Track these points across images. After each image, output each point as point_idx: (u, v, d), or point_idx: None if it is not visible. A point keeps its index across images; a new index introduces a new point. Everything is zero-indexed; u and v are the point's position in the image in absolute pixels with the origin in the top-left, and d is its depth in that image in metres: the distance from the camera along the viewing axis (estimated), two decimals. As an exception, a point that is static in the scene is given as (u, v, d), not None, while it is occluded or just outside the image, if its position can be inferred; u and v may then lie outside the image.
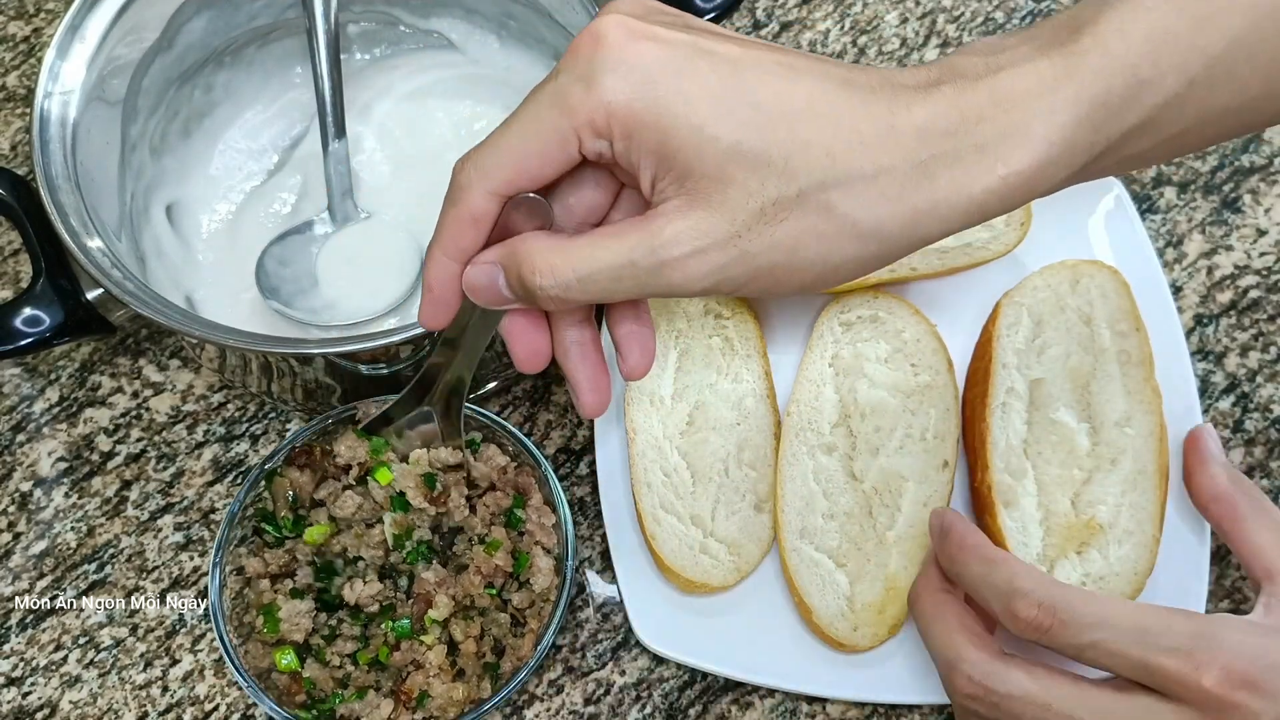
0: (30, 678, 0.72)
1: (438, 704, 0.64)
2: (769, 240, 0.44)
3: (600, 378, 0.53)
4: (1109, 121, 0.45)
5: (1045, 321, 0.74)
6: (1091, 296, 0.74)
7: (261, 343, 0.66)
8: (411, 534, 0.65)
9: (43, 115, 0.70)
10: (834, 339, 0.75)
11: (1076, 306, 0.74)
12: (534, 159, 0.48)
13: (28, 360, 0.82)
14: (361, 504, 0.65)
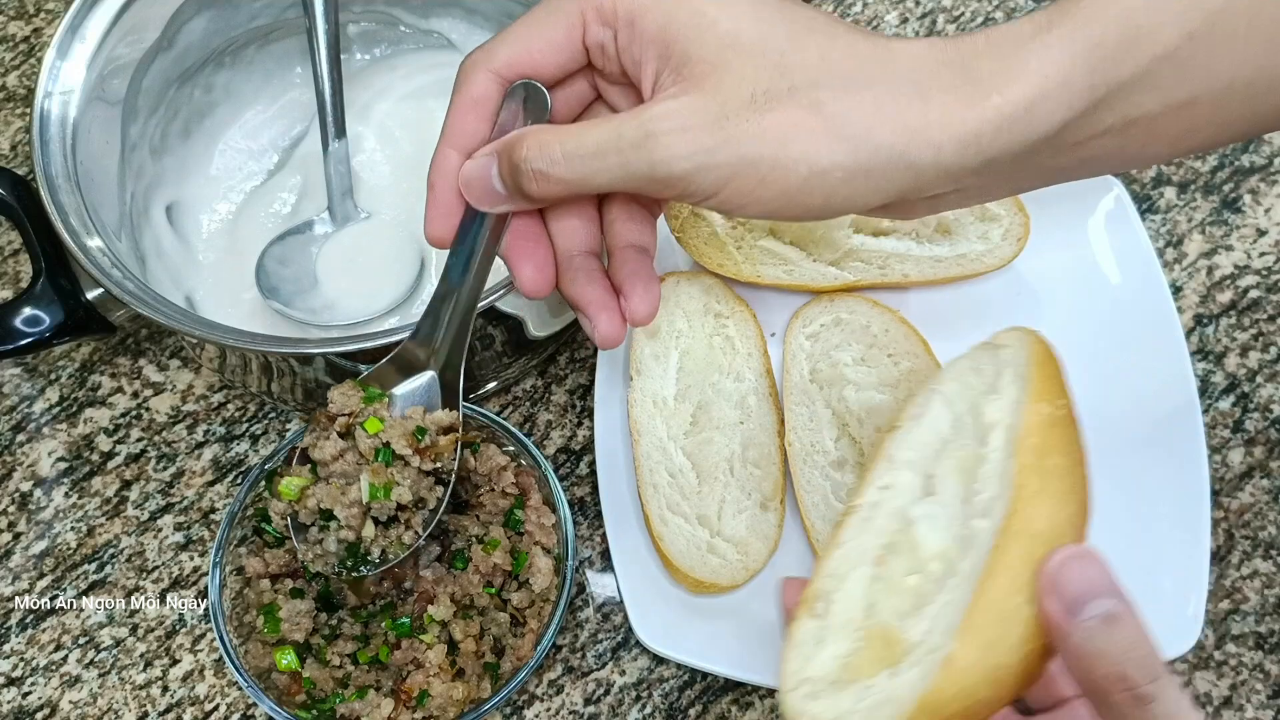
0: (30, 678, 0.72)
1: (438, 703, 0.64)
2: (756, 129, 0.44)
3: (612, 301, 0.52)
4: (1106, 66, 0.44)
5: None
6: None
7: (261, 343, 0.66)
8: (389, 492, 0.58)
9: (43, 115, 0.70)
10: (805, 355, 0.75)
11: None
12: (538, 42, 0.49)
13: (28, 360, 0.82)
14: (344, 451, 0.60)
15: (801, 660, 0.51)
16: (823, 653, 0.50)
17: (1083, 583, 0.41)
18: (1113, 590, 0.41)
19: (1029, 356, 0.51)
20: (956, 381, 0.53)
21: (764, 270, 0.76)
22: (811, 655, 0.51)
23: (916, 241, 0.76)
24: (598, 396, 0.74)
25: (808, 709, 0.48)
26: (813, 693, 0.49)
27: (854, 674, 0.48)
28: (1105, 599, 0.40)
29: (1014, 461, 0.45)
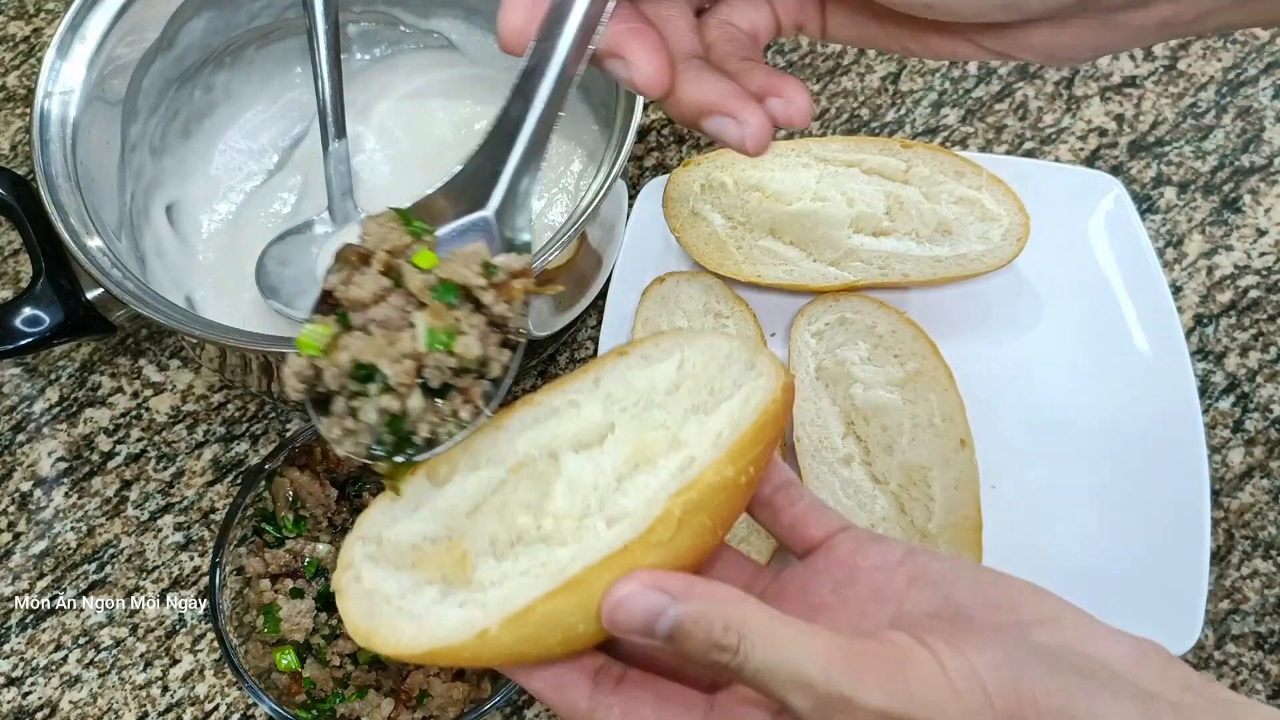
0: (30, 678, 0.72)
1: (438, 703, 0.64)
2: None
3: (752, 99, 0.45)
4: None
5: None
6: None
7: (262, 342, 0.66)
8: (452, 340, 0.45)
9: (43, 115, 0.70)
10: (811, 352, 0.75)
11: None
12: None
13: (28, 360, 0.82)
14: (387, 292, 0.46)
15: (387, 518, 0.49)
16: (410, 521, 0.49)
17: (635, 619, 0.42)
18: (662, 603, 0.42)
19: (762, 403, 0.48)
20: (703, 357, 0.50)
21: (764, 270, 0.76)
22: (398, 518, 0.49)
23: (917, 242, 0.76)
24: (598, 396, 0.74)
25: (361, 569, 0.47)
26: (375, 555, 0.48)
27: (416, 564, 0.48)
28: (663, 615, 0.42)
29: (665, 503, 0.45)
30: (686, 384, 0.50)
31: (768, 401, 0.48)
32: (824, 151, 0.78)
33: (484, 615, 0.44)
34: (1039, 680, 0.42)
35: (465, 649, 0.43)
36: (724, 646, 0.41)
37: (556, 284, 0.52)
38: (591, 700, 0.45)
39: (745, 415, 0.47)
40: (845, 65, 0.91)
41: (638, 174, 0.87)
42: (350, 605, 0.46)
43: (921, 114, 0.88)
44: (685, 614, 0.42)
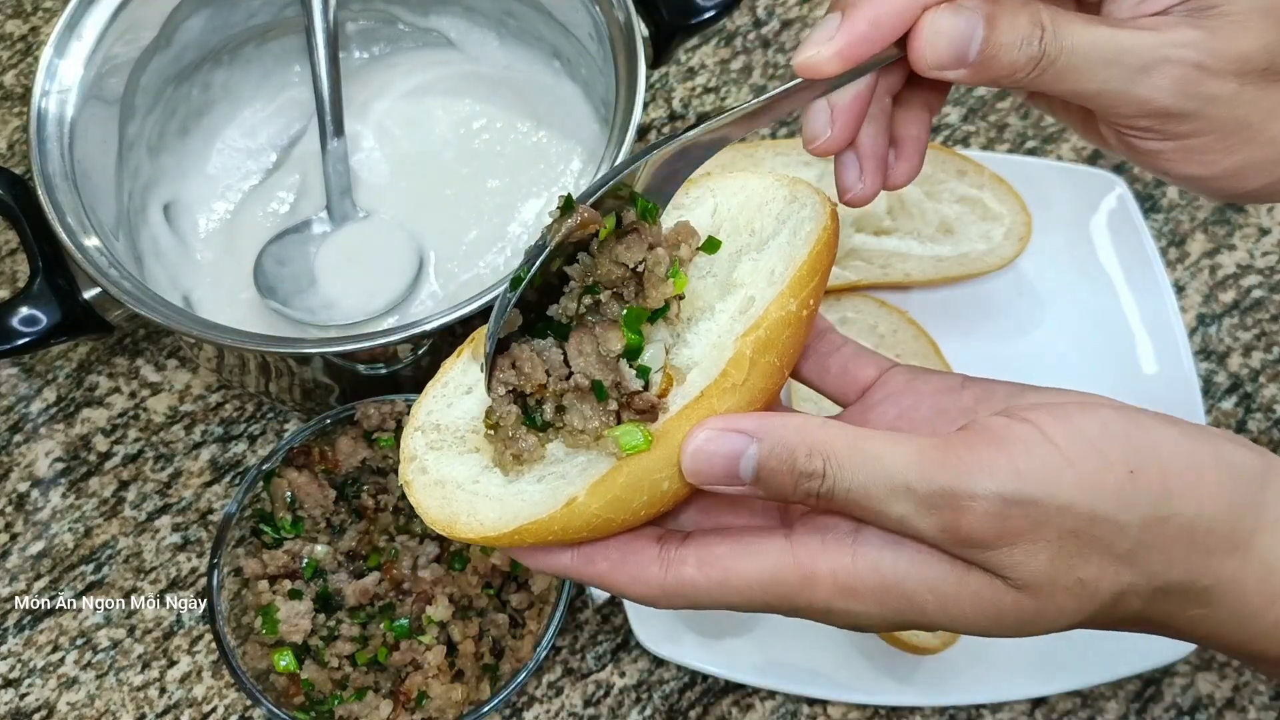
0: (28, 679, 0.72)
1: (436, 705, 0.64)
2: (1261, 96, 0.46)
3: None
4: None
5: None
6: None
7: (259, 342, 0.66)
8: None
9: (40, 114, 0.70)
10: None
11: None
12: None
13: (25, 360, 0.81)
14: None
15: (441, 404, 0.48)
16: (465, 402, 0.48)
17: (717, 465, 0.41)
18: (741, 443, 0.41)
19: (814, 232, 0.47)
20: (737, 199, 0.50)
21: (764, 269, 0.76)
22: (453, 402, 0.48)
23: (919, 241, 0.76)
24: (597, 396, 0.74)
25: (425, 459, 0.47)
26: (436, 443, 0.48)
27: (479, 446, 0.47)
28: (743, 455, 0.41)
29: (734, 345, 0.44)
30: (725, 227, 0.49)
31: (819, 230, 0.47)
32: (825, 150, 0.78)
33: (568, 485, 0.43)
34: (1155, 430, 0.41)
35: (554, 521, 0.42)
36: (811, 473, 0.40)
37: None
38: (661, 560, 0.43)
39: (798, 247, 0.47)
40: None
41: (638, 173, 0.86)
42: (422, 498, 0.45)
43: (923, 112, 0.88)
44: (766, 449, 0.41)
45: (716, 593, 0.43)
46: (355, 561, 0.69)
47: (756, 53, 0.91)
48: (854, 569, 0.41)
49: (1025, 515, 0.39)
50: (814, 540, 0.42)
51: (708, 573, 0.42)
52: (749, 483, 0.41)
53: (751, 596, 0.43)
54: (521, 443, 0.45)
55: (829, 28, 0.45)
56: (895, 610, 0.42)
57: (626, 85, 0.69)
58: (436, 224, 0.79)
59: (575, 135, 0.81)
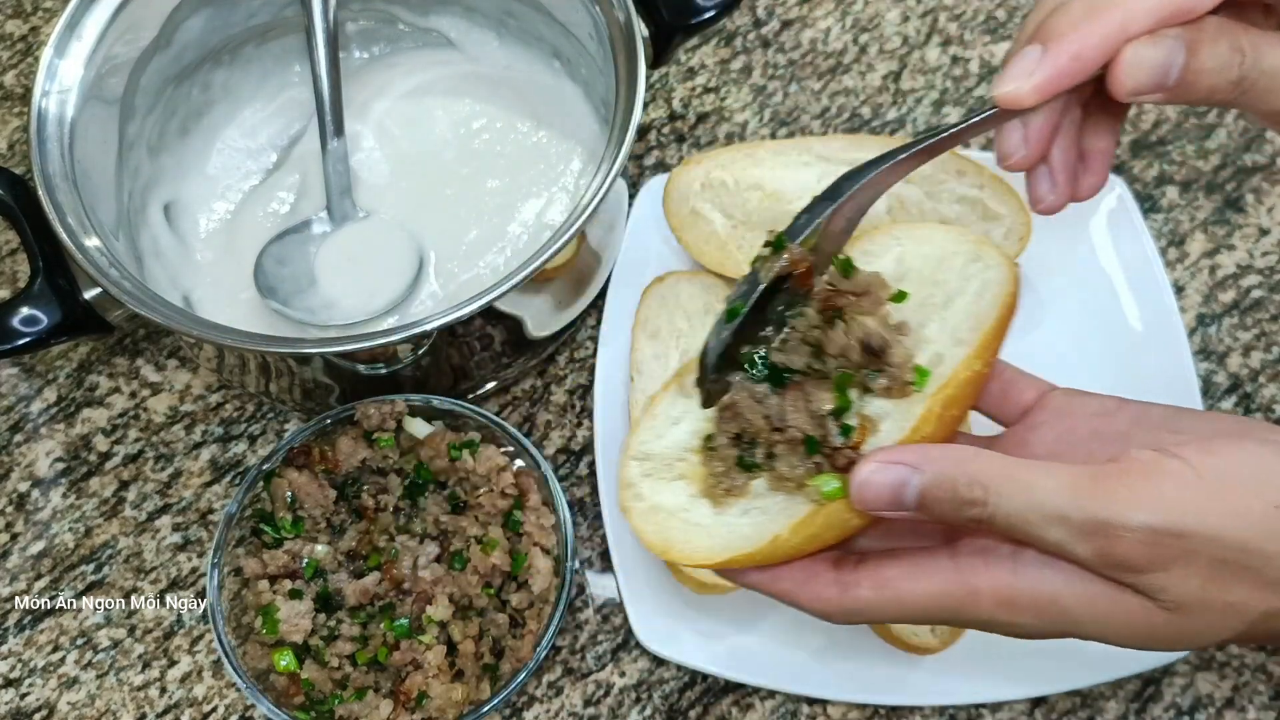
0: (28, 679, 0.72)
1: (436, 705, 0.64)
2: None
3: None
4: None
5: None
6: None
7: (259, 342, 0.66)
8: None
9: (40, 114, 0.70)
10: None
11: None
12: None
13: (25, 360, 0.81)
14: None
15: (653, 434, 0.54)
16: (674, 433, 0.54)
17: (881, 495, 0.45)
18: (904, 474, 0.45)
19: (1000, 295, 0.50)
20: (922, 250, 0.53)
21: (764, 270, 0.76)
22: (663, 433, 0.54)
23: (918, 241, 0.76)
24: (598, 396, 0.74)
25: (640, 487, 0.52)
26: (649, 471, 0.53)
27: (684, 474, 0.53)
28: (907, 485, 0.45)
29: (925, 402, 0.48)
30: (909, 277, 0.52)
31: (1004, 294, 0.50)
32: (825, 150, 0.78)
33: (772, 523, 0.48)
34: None
35: (758, 554, 0.48)
36: (972, 501, 0.43)
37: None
38: (839, 584, 0.48)
39: (985, 309, 0.50)
40: (846, 64, 0.90)
41: (638, 173, 0.87)
42: (639, 523, 0.51)
43: (923, 112, 0.88)
44: (928, 480, 0.44)
45: (890, 610, 0.48)
46: (355, 561, 0.69)
47: (756, 53, 0.91)
48: (1014, 585, 0.45)
49: (1176, 545, 0.42)
50: (977, 560, 0.46)
51: (881, 594, 0.47)
52: (913, 508, 0.45)
53: (920, 612, 0.47)
54: (734, 480, 0.50)
55: (1029, 61, 0.46)
56: (1052, 622, 0.45)
57: (626, 85, 0.69)
58: (436, 224, 0.79)
59: (575, 135, 0.81)
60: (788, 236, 0.50)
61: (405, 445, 0.71)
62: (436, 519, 0.69)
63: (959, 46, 0.91)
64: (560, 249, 0.65)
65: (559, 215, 0.78)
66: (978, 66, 0.90)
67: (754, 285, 0.50)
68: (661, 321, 0.75)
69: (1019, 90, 0.46)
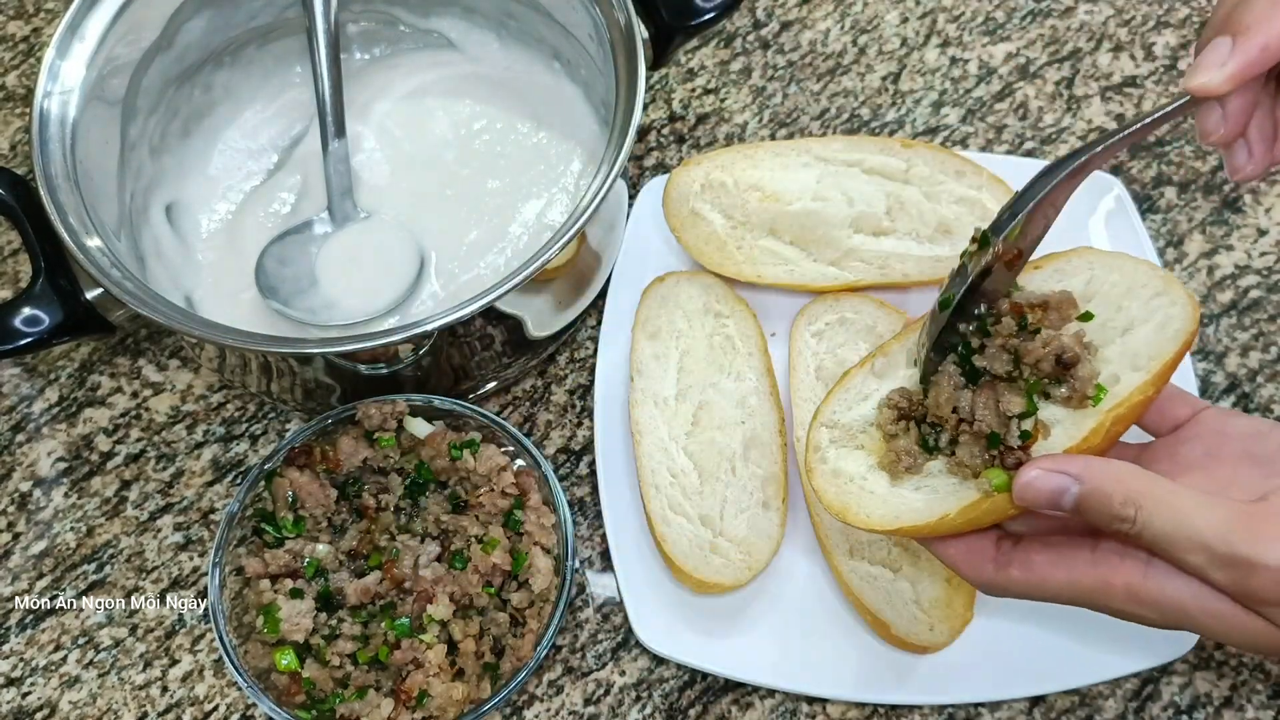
0: (30, 678, 0.72)
1: (437, 703, 0.64)
2: None
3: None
4: None
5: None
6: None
7: (261, 342, 0.66)
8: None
9: (42, 115, 0.70)
10: (811, 352, 0.75)
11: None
12: None
13: (27, 360, 0.82)
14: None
15: (843, 405, 0.60)
16: (861, 407, 0.59)
17: (1044, 493, 0.50)
18: (1065, 483, 0.49)
19: (1181, 331, 0.53)
20: (1112, 276, 0.57)
21: (764, 270, 0.76)
22: (853, 405, 0.60)
23: (916, 241, 0.76)
24: (598, 396, 0.74)
25: (826, 452, 0.58)
26: (835, 438, 0.59)
27: (865, 445, 0.58)
28: (1066, 493, 0.49)
29: (1099, 417, 0.52)
30: (1096, 300, 0.57)
31: (1185, 332, 0.53)
32: (824, 151, 0.78)
33: (942, 503, 0.54)
34: None
35: (926, 527, 0.54)
36: (1123, 517, 0.48)
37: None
38: (996, 563, 0.54)
39: (1165, 341, 0.54)
40: (846, 65, 0.91)
41: (638, 174, 0.87)
42: (821, 483, 0.57)
43: (922, 114, 0.88)
44: (1087, 491, 0.49)
45: (1034, 591, 0.53)
46: (356, 561, 0.69)
47: (756, 54, 0.91)
48: (1144, 585, 0.50)
49: None
50: (1114, 556, 0.51)
51: (1027, 576, 0.52)
52: (1070, 511, 0.50)
53: (1059, 595, 0.52)
54: (914, 460, 0.56)
55: (1220, 52, 0.51)
56: (1175, 621, 0.50)
57: (626, 86, 0.69)
58: (437, 224, 0.79)
59: (575, 136, 0.81)
60: (992, 232, 0.55)
61: (406, 445, 0.71)
62: (437, 518, 0.69)
63: (958, 48, 0.91)
64: (560, 249, 0.65)
65: (559, 216, 0.78)
66: (976, 67, 0.90)
67: (964, 278, 0.56)
68: (661, 321, 0.75)
69: (1211, 81, 0.50)
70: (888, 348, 0.60)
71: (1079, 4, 0.92)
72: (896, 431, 0.57)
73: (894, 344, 0.60)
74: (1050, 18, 0.92)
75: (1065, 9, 0.92)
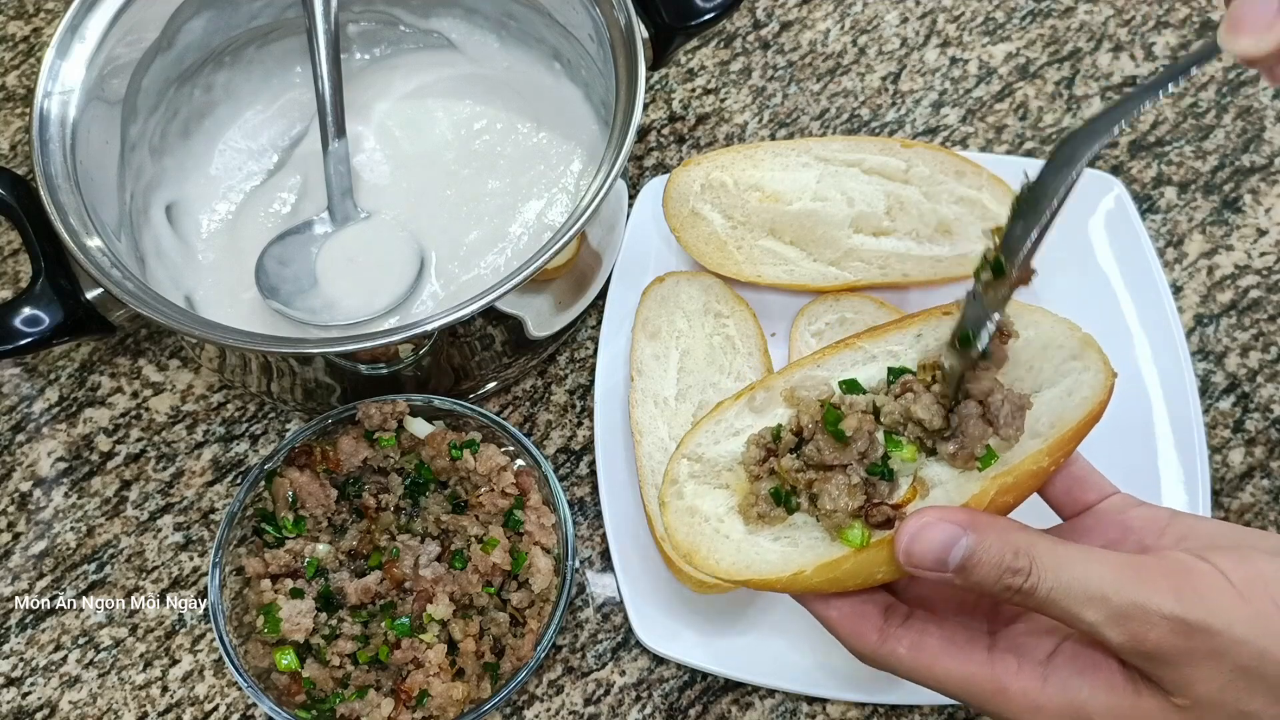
0: (30, 678, 0.72)
1: (437, 703, 0.64)
2: None
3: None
4: None
5: None
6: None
7: (261, 342, 0.66)
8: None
9: (42, 115, 0.70)
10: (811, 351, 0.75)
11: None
12: None
13: (27, 360, 0.82)
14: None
15: (711, 439, 0.54)
16: (730, 443, 0.53)
17: (930, 550, 0.46)
18: (955, 534, 0.45)
19: (1089, 400, 0.50)
20: (1026, 333, 0.52)
21: (764, 270, 0.76)
22: (721, 440, 0.54)
23: (916, 241, 0.76)
24: (598, 396, 0.74)
25: (684, 486, 0.53)
26: (696, 472, 0.53)
27: (730, 484, 0.53)
28: (955, 546, 0.45)
29: (982, 484, 0.48)
30: (1009, 356, 0.52)
31: (1094, 402, 0.50)
32: (824, 151, 0.78)
33: (800, 557, 0.49)
34: None
35: (778, 582, 0.48)
36: (1016, 570, 0.45)
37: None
38: (881, 633, 0.49)
39: (1070, 410, 0.50)
40: (846, 65, 0.91)
41: (638, 174, 0.87)
42: (673, 519, 0.52)
43: (922, 114, 0.88)
44: (978, 541, 0.45)
45: (919, 675, 0.49)
46: (357, 560, 0.69)
47: (756, 54, 0.91)
48: (1043, 692, 0.46)
49: (1205, 642, 0.43)
50: (1011, 658, 0.47)
51: (916, 656, 0.48)
52: (954, 571, 0.45)
53: (947, 687, 0.48)
54: (769, 509, 0.51)
55: (1268, 10, 0.44)
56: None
57: (627, 87, 0.70)
58: (437, 224, 0.79)
59: (576, 136, 0.81)
60: (1004, 255, 0.49)
61: (406, 445, 0.71)
62: (437, 518, 0.69)
63: (957, 48, 0.91)
64: (561, 249, 0.65)
65: (559, 216, 0.78)
66: (976, 67, 0.90)
67: (980, 307, 0.50)
68: (661, 321, 0.75)
69: (1258, 46, 0.44)
70: (770, 382, 0.54)
71: (1079, 4, 0.92)
72: (761, 474, 0.51)
73: (777, 379, 0.54)
74: (1050, 18, 0.92)
75: (1065, 9, 0.92)
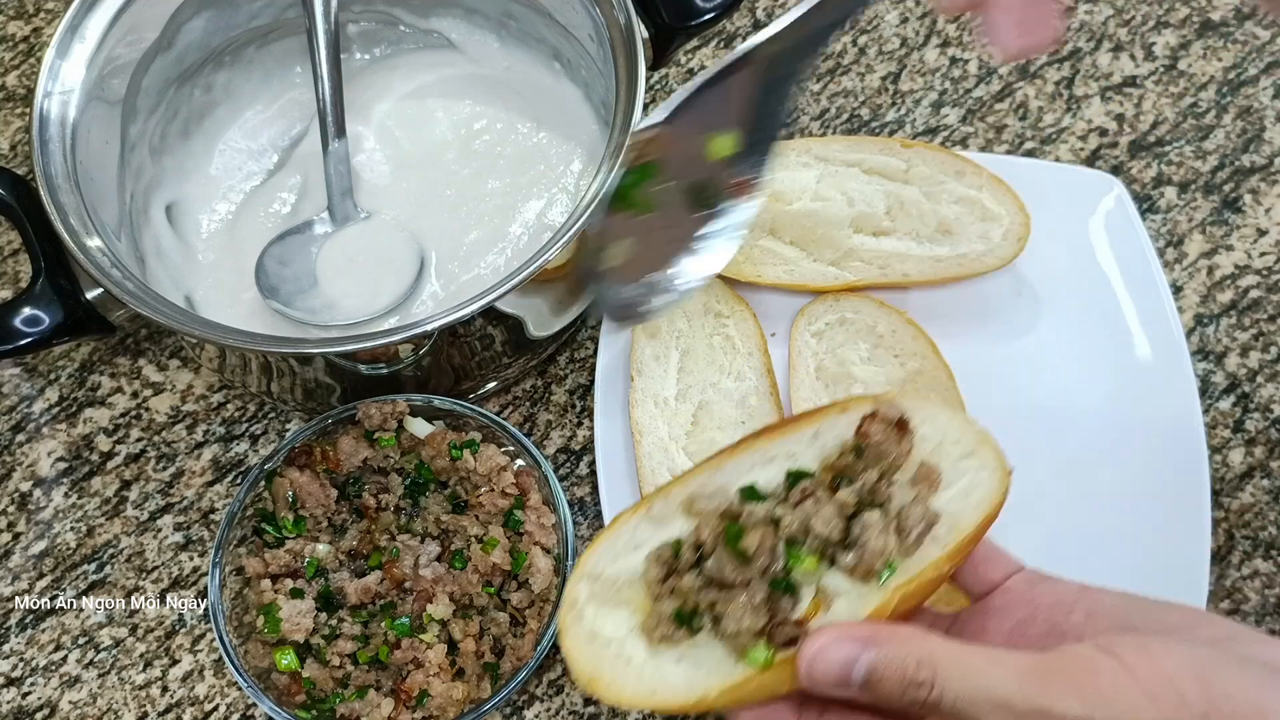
0: (30, 678, 0.72)
1: (437, 703, 0.64)
2: None
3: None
4: None
5: None
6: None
7: (261, 342, 0.66)
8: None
9: (42, 115, 0.70)
10: (811, 352, 0.75)
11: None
12: None
13: (27, 360, 0.82)
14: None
15: (608, 556, 0.51)
16: (629, 558, 0.50)
17: (832, 670, 0.45)
18: (855, 651, 0.45)
19: (986, 499, 0.49)
20: (922, 429, 0.51)
21: (764, 270, 0.76)
22: (619, 556, 0.51)
23: (917, 241, 0.76)
24: (598, 396, 0.74)
25: (584, 609, 0.49)
26: (596, 593, 0.50)
27: (630, 600, 0.50)
28: (856, 663, 0.45)
29: (883, 595, 0.47)
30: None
31: (990, 500, 0.49)
32: (824, 151, 0.78)
33: (704, 680, 0.47)
34: (1229, 676, 0.43)
35: (685, 706, 0.47)
36: (919, 682, 0.44)
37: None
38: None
39: (967, 511, 0.49)
40: (846, 65, 0.91)
41: (638, 174, 0.87)
42: (572, 646, 0.49)
43: (922, 114, 0.88)
44: (879, 656, 0.44)
45: None
46: (357, 560, 0.69)
47: (756, 54, 0.91)
48: None
49: None
50: None
51: None
52: (858, 687, 0.45)
53: None
54: (671, 632, 0.48)
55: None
56: None
57: (627, 87, 0.70)
58: (437, 224, 0.79)
59: (576, 136, 0.81)
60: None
61: (406, 445, 0.71)
62: (437, 518, 0.69)
63: (957, 48, 0.91)
64: (561, 249, 0.65)
65: (559, 216, 0.78)
66: (976, 68, 0.90)
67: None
68: (661, 321, 0.75)
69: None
70: (669, 490, 0.51)
71: (1079, 4, 0.92)
72: (662, 593, 0.49)
73: (675, 487, 0.51)
74: (1050, 18, 0.92)
75: (1065, 9, 0.92)
